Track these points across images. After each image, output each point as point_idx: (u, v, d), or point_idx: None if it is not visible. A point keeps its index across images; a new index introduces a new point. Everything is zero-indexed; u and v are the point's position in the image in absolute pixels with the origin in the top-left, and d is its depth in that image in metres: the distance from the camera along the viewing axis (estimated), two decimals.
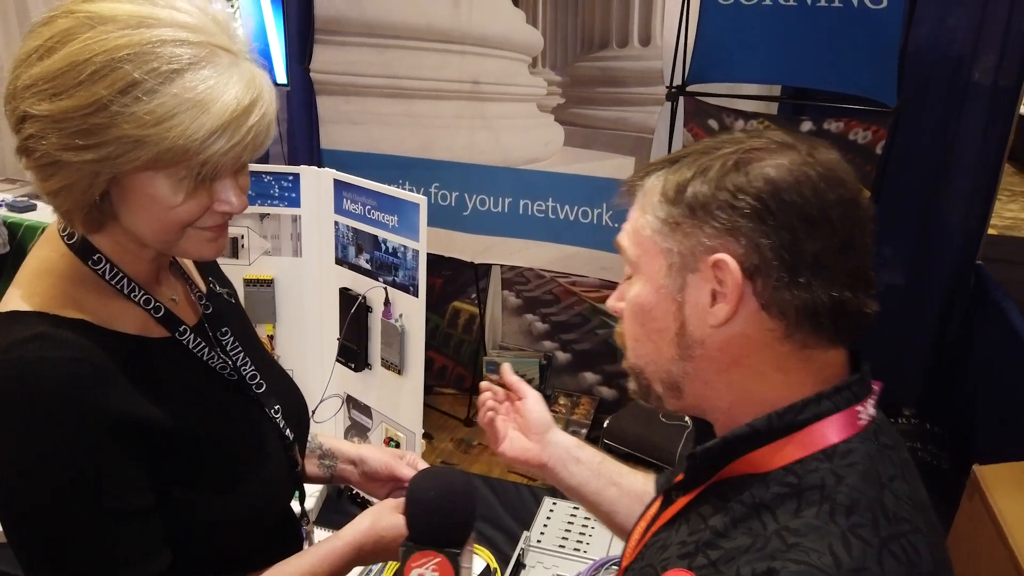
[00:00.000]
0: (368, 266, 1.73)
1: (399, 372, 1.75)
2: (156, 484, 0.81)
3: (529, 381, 3.32)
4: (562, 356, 3.38)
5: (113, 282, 0.84)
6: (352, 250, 1.75)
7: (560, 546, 1.59)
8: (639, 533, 0.84)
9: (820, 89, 2.61)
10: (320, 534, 1.14)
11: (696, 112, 2.83)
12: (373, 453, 1.12)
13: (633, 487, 1.06)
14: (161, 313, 0.88)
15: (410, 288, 1.65)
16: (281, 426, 0.98)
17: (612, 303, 0.79)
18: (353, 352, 1.78)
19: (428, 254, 1.60)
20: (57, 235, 0.85)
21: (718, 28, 2.65)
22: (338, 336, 1.80)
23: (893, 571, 0.60)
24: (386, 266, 1.67)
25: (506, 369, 1.14)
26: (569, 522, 1.67)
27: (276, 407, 0.98)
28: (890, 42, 2.39)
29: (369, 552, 0.96)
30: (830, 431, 0.67)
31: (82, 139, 0.71)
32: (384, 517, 0.97)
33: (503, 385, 1.13)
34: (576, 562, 1.55)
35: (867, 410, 0.69)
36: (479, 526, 1.23)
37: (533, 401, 1.10)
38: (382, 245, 1.67)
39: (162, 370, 0.85)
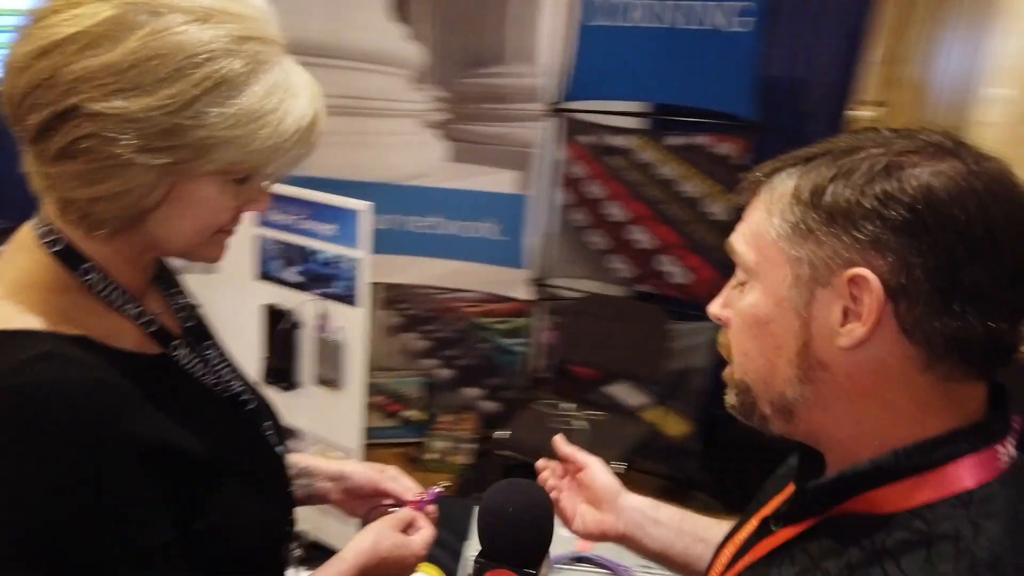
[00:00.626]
0: (299, 279, 1.64)
1: (337, 388, 1.67)
2: (176, 513, 0.74)
3: (411, 400, 3.29)
4: (443, 373, 3.36)
5: (103, 294, 0.75)
6: (278, 264, 1.66)
7: None
8: (727, 558, 0.78)
9: (688, 106, 2.81)
10: None
11: (572, 128, 2.95)
12: (356, 468, 1.07)
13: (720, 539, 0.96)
14: (155, 328, 0.80)
15: (349, 299, 1.58)
16: (273, 443, 0.91)
17: (716, 310, 0.71)
18: (282, 372, 1.68)
19: None
20: (34, 242, 0.74)
21: (592, 49, 2.80)
22: (265, 355, 1.70)
23: None
24: (320, 278, 1.60)
25: (559, 440, 1.02)
26: None
27: (267, 423, 0.91)
28: (749, 62, 2.64)
29: (372, 574, 0.92)
30: (966, 473, 0.59)
31: (161, 140, 0.65)
32: (386, 536, 0.93)
33: (560, 458, 1.02)
34: None
35: (1007, 450, 0.61)
36: None
37: (596, 469, 0.99)
38: (314, 256, 1.60)
39: (164, 390, 0.77)
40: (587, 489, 0.99)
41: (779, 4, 2.65)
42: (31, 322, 0.70)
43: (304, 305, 1.64)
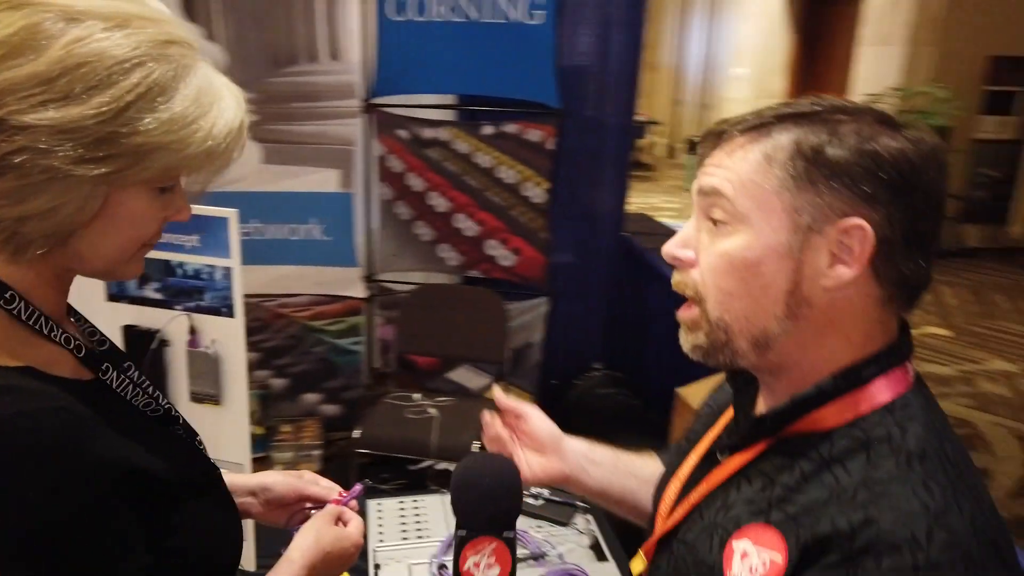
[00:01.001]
0: (160, 296, 1.54)
1: (217, 402, 1.60)
2: (147, 535, 0.73)
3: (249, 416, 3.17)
4: (278, 383, 3.27)
5: (30, 322, 0.72)
6: (132, 282, 1.55)
7: (404, 538, 1.62)
8: (674, 493, 0.84)
9: (494, 96, 2.95)
10: None
11: (385, 123, 2.98)
12: (276, 478, 1.06)
13: (644, 471, 1.05)
14: (83, 352, 0.77)
15: (222, 310, 1.52)
16: (209, 459, 0.90)
17: (676, 251, 0.75)
18: None
19: None
20: None
21: (395, 44, 2.84)
22: None
23: (968, 511, 0.63)
24: (186, 292, 1.52)
25: (498, 392, 1.06)
26: (401, 514, 1.70)
27: (198, 439, 0.90)
28: (546, 53, 2.82)
29: (318, 570, 0.94)
30: (887, 387, 0.69)
31: (98, 150, 0.64)
32: (325, 532, 0.95)
33: (499, 410, 1.04)
34: (425, 546, 1.59)
35: (912, 366, 0.72)
36: None
37: (536, 417, 1.03)
38: (177, 270, 1.51)
39: (107, 414, 0.75)
40: (530, 437, 1.02)
41: None
42: None
43: (174, 321, 1.55)
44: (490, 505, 0.89)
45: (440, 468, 2.76)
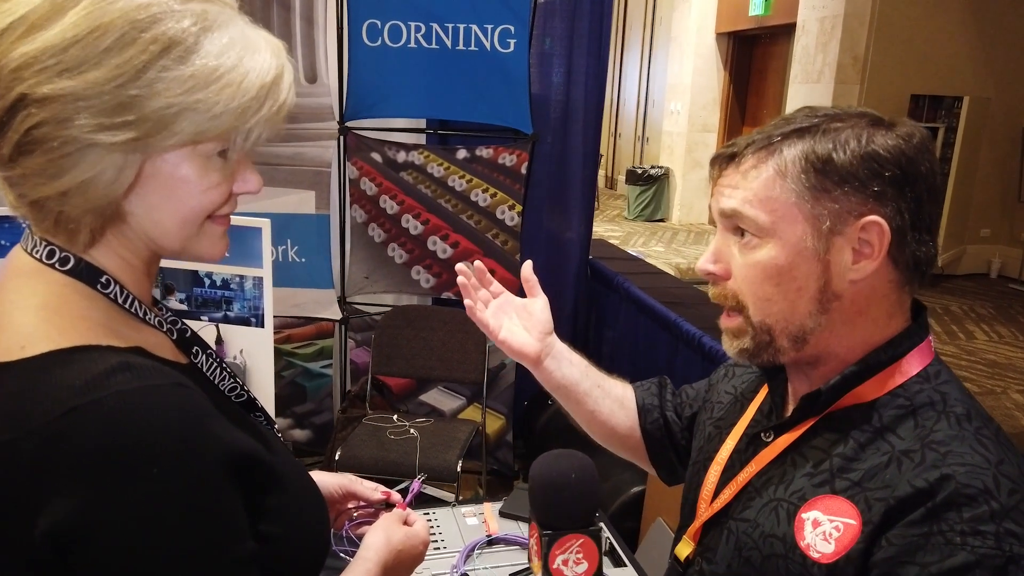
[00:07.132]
0: (184, 307, 1.52)
1: None
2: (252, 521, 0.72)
3: None
4: None
5: (127, 305, 0.71)
6: (156, 292, 1.51)
7: None
8: (716, 478, 0.88)
9: (467, 121, 3.01)
10: None
11: (358, 147, 2.99)
12: (325, 478, 1.06)
13: (613, 390, 1.10)
14: (188, 334, 0.77)
15: (252, 320, 1.50)
16: (288, 445, 0.90)
17: (709, 267, 0.81)
18: None
19: None
20: (37, 265, 0.69)
21: (368, 69, 2.87)
22: None
23: (1014, 459, 0.71)
24: (213, 302, 1.49)
25: (527, 265, 1.09)
26: None
27: (275, 425, 0.90)
28: (520, 80, 2.89)
29: (390, 570, 0.95)
30: (917, 359, 0.77)
31: (118, 115, 0.61)
32: (395, 531, 0.96)
33: (522, 279, 1.10)
34: (442, 558, 1.60)
35: (932, 339, 0.79)
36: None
37: (542, 305, 1.08)
38: (204, 280, 1.49)
39: (210, 397, 0.74)
40: (529, 317, 1.07)
41: (539, 29, 2.95)
42: (82, 339, 0.65)
43: (202, 331, 1.53)
44: (581, 502, 0.88)
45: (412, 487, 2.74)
